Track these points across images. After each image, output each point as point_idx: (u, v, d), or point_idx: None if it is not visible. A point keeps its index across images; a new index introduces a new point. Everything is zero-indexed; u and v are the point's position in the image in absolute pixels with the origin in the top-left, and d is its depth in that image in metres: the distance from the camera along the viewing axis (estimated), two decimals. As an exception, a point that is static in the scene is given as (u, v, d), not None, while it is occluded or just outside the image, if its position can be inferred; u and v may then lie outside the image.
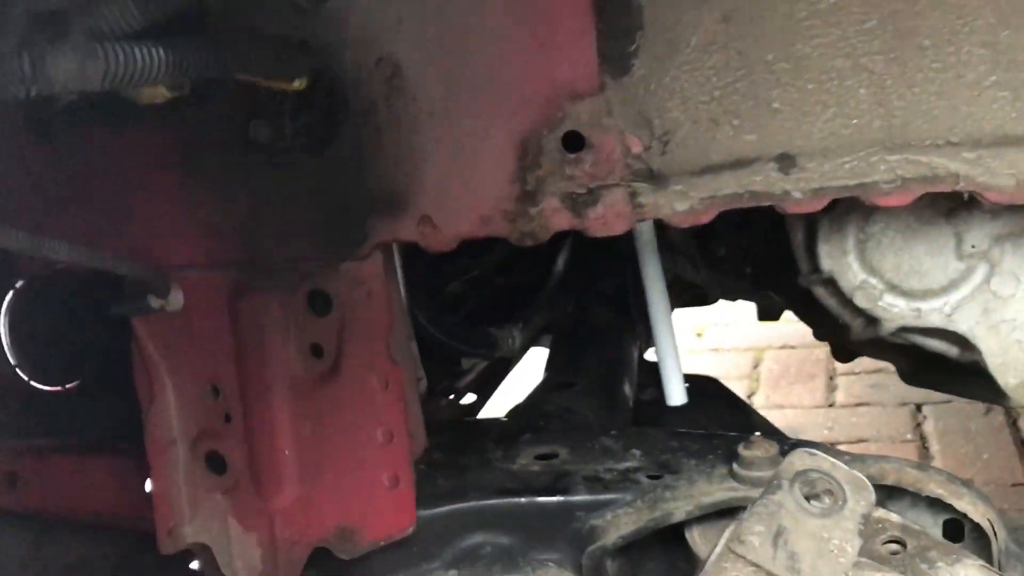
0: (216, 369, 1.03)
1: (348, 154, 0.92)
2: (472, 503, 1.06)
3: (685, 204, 0.85)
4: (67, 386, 1.33)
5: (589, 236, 0.89)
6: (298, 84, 0.88)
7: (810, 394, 3.08)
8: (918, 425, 2.73)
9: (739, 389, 3.07)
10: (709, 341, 3.62)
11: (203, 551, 1.06)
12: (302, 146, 0.92)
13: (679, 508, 0.99)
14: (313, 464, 1.00)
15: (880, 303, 0.98)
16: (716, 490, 0.97)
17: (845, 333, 1.07)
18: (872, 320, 1.00)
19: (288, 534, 1.02)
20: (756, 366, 3.35)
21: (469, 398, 1.78)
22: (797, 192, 0.84)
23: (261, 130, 0.91)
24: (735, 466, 0.98)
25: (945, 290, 0.96)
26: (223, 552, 1.05)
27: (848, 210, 0.96)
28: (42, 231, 0.80)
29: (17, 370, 1.26)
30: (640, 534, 0.98)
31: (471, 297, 1.62)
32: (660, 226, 1.38)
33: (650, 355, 1.64)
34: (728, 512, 0.94)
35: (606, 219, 0.87)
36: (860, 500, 0.78)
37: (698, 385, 1.53)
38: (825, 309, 1.07)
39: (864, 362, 3.12)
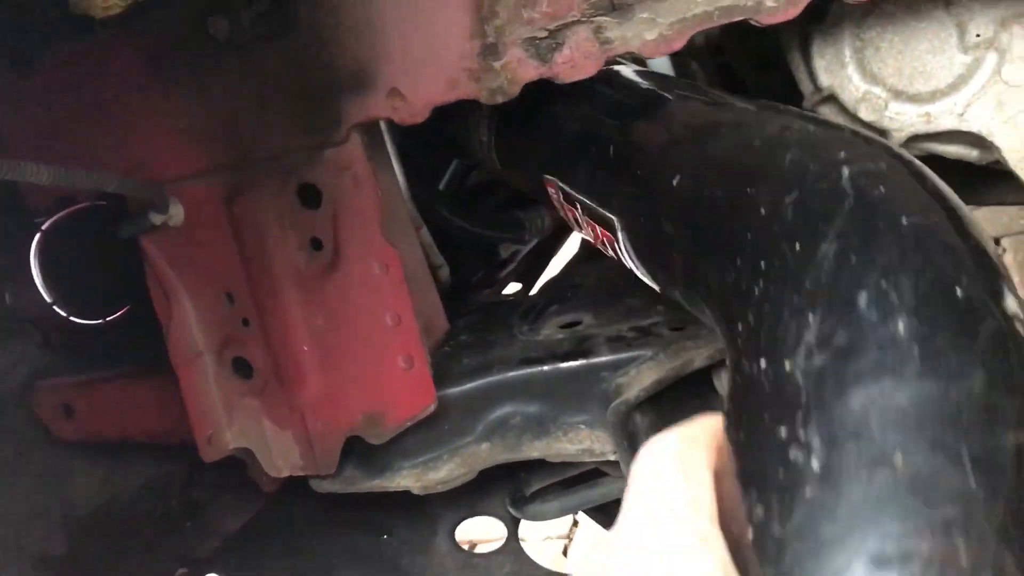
0: (226, 276, 1.04)
1: (307, 36, 0.90)
2: (498, 376, 1.06)
3: (654, 32, 0.81)
4: (108, 318, 1.37)
5: (561, 83, 0.85)
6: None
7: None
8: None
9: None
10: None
11: (246, 455, 1.09)
12: (262, 35, 0.90)
13: (700, 354, 0.97)
14: (331, 355, 1.01)
15: (886, 113, 0.91)
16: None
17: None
18: (881, 133, 0.94)
19: (320, 427, 1.03)
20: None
21: (514, 287, 1.77)
22: (770, 0, 0.78)
23: (220, 24, 0.90)
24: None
25: (954, 88, 0.89)
26: (264, 452, 1.07)
27: (840, 18, 0.90)
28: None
29: (55, 308, 1.29)
30: (662, 384, 0.97)
31: (497, 186, 1.59)
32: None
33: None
34: None
35: (574, 61, 0.83)
36: None
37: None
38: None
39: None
